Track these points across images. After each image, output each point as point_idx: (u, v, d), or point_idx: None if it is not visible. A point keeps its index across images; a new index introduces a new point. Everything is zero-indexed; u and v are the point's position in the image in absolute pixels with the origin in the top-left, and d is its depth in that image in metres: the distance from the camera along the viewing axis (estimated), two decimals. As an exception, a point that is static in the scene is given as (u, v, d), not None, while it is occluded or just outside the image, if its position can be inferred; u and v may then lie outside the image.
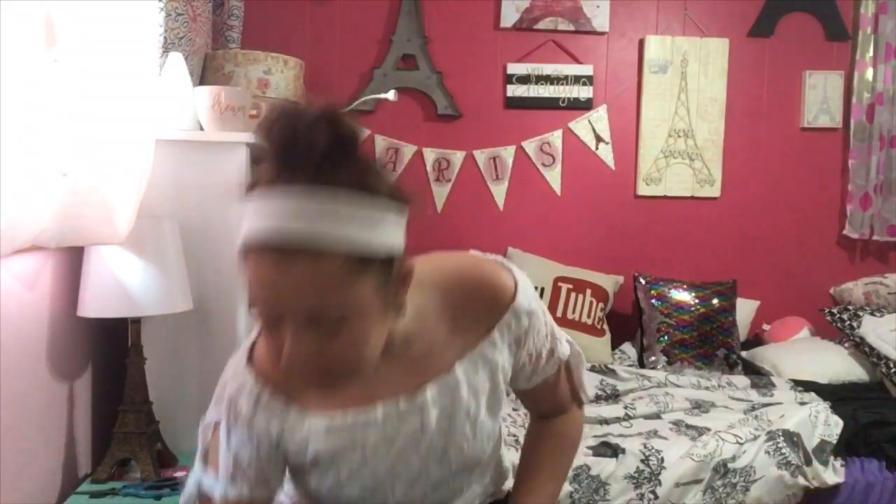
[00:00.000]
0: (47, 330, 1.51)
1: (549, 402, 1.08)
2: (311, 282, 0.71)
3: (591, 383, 2.51)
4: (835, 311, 2.95)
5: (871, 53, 3.22)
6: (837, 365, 2.76)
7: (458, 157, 3.10)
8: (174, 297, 1.58)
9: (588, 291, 2.96)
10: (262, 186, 0.74)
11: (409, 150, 3.07)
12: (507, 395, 1.01)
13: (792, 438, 2.19)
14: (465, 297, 0.91)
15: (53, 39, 1.25)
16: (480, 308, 0.91)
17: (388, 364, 0.84)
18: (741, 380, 2.62)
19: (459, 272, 0.94)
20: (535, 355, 0.98)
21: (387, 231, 0.74)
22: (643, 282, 3.00)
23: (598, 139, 3.20)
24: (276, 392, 0.87)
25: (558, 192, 3.18)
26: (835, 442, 2.24)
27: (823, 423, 2.26)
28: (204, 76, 2.43)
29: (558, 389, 1.07)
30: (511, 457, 1.11)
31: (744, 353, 2.94)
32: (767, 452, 2.16)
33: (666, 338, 2.86)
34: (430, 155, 3.08)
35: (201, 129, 1.82)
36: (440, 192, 3.10)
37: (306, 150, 0.69)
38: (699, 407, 2.43)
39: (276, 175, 0.72)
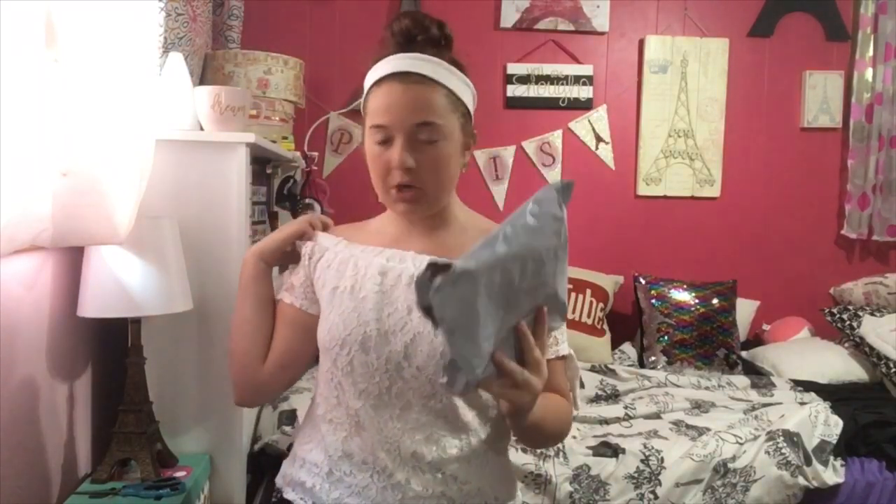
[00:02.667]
0: (47, 330, 1.51)
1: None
2: (424, 101, 1.03)
3: (591, 383, 2.51)
4: (835, 311, 2.95)
5: (870, 53, 3.22)
6: (837, 365, 2.76)
7: (458, 157, 3.10)
8: (174, 297, 1.57)
9: (588, 291, 2.96)
10: (388, 54, 1.06)
11: (409, 150, 3.06)
12: None
13: (792, 438, 2.19)
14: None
15: (53, 39, 1.24)
16: None
17: (422, 237, 1.10)
18: (741, 380, 2.62)
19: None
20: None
21: (466, 95, 1.09)
22: (643, 282, 3.00)
23: (598, 139, 3.20)
24: (338, 234, 1.16)
25: (558, 192, 3.17)
26: (835, 442, 2.24)
27: (823, 423, 2.26)
28: (204, 76, 2.43)
29: (555, 381, 1.07)
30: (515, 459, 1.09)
31: (744, 353, 2.94)
32: (767, 452, 2.16)
33: (666, 338, 2.86)
34: (430, 155, 3.08)
35: (201, 129, 1.82)
36: (440, 192, 3.10)
37: (425, 32, 1.06)
38: (699, 407, 2.43)
39: (402, 48, 1.06)
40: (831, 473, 2.20)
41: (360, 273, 1.08)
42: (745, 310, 3.12)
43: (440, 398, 1.02)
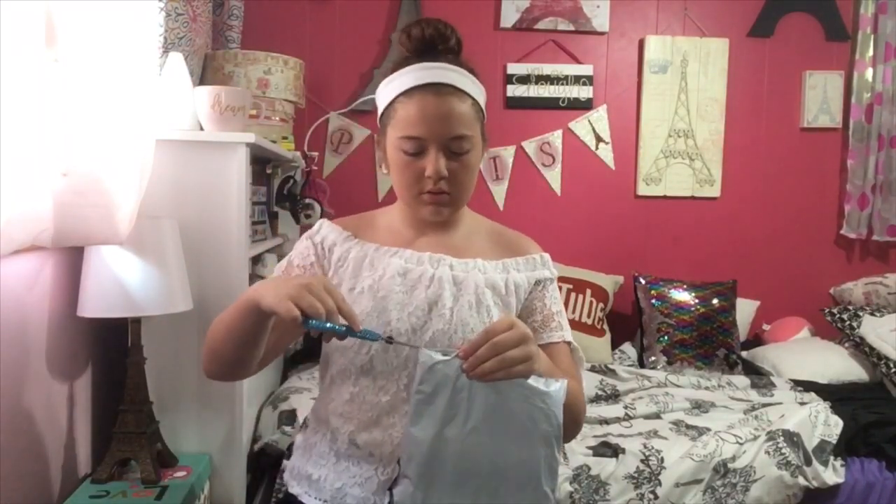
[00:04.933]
0: (47, 330, 1.51)
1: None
2: (459, 114, 1.06)
3: (591, 383, 2.51)
4: (835, 311, 2.95)
5: (870, 53, 3.22)
6: (837, 365, 2.76)
7: (458, 157, 3.10)
8: (174, 297, 1.58)
9: (588, 291, 2.96)
10: (410, 63, 1.07)
11: (409, 150, 3.06)
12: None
13: (792, 438, 2.19)
14: (507, 234, 1.22)
15: (53, 39, 1.24)
16: (517, 242, 1.20)
17: (434, 238, 1.14)
18: (741, 380, 2.62)
19: (506, 227, 1.25)
20: (547, 312, 1.14)
21: (482, 100, 1.13)
22: (643, 282, 3.00)
23: (598, 139, 3.20)
24: (345, 227, 1.16)
25: (558, 192, 3.18)
26: (835, 442, 2.23)
27: (823, 423, 2.26)
28: (204, 76, 2.43)
29: (563, 364, 1.10)
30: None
31: (744, 353, 2.94)
32: (767, 452, 2.16)
33: (666, 338, 2.86)
34: (430, 155, 3.08)
35: (201, 129, 1.82)
36: (440, 192, 3.10)
37: (445, 41, 1.09)
38: (699, 407, 2.43)
39: (422, 55, 1.08)
40: (831, 473, 2.20)
41: (377, 273, 1.09)
42: (745, 310, 3.12)
43: None
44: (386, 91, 1.10)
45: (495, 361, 0.87)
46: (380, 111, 1.13)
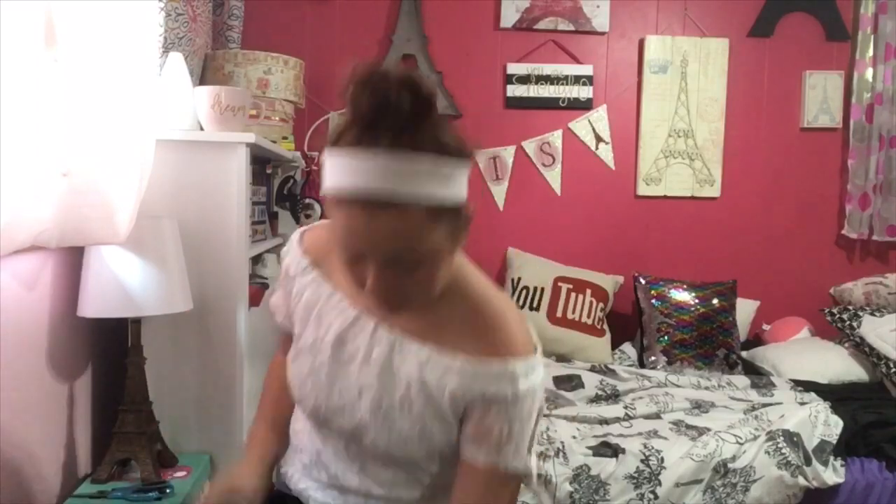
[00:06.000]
0: (47, 330, 1.51)
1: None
2: (396, 231, 0.81)
3: (591, 383, 2.51)
4: (835, 311, 2.95)
5: (870, 53, 3.22)
6: (837, 365, 2.76)
7: (458, 157, 3.10)
8: (174, 297, 1.57)
9: (588, 291, 2.96)
10: (346, 144, 0.81)
11: (409, 150, 3.06)
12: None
13: (792, 438, 2.19)
14: (483, 322, 0.94)
15: (53, 39, 1.25)
16: (489, 337, 0.93)
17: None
18: (741, 380, 2.62)
19: (496, 300, 0.97)
20: (486, 429, 0.92)
21: (457, 183, 0.84)
22: (643, 282, 3.00)
23: (598, 139, 3.20)
24: (309, 251, 1.06)
25: (558, 192, 3.18)
26: (835, 442, 2.24)
27: (823, 423, 2.26)
28: (204, 76, 2.43)
29: (463, 497, 0.94)
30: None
31: (744, 353, 2.94)
32: (767, 452, 2.16)
33: (666, 338, 2.86)
34: (430, 155, 3.08)
35: (201, 129, 1.82)
36: (440, 192, 3.10)
37: (393, 115, 0.78)
38: (699, 407, 2.43)
39: (361, 135, 0.80)
40: (831, 473, 2.20)
41: (321, 331, 1.01)
42: (745, 310, 3.12)
43: (400, 458, 0.98)
44: (324, 167, 0.85)
45: None
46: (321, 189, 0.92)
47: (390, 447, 0.97)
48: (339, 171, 0.82)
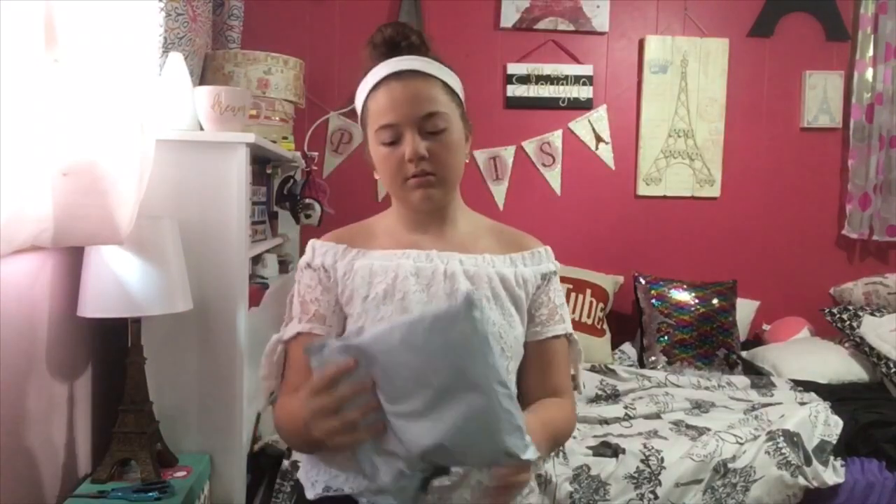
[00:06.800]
0: (47, 330, 1.51)
1: (549, 381, 1.17)
2: (426, 93, 1.09)
3: (591, 383, 2.51)
4: (835, 311, 2.95)
5: (870, 53, 3.22)
6: (837, 365, 2.76)
7: (458, 157, 3.10)
8: (174, 297, 1.57)
9: (588, 291, 2.96)
10: (375, 64, 1.12)
11: (409, 150, 3.06)
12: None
13: (792, 438, 2.19)
14: (507, 231, 1.23)
15: (53, 39, 1.24)
16: (518, 238, 1.22)
17: (437, 237, 1.15)
18: (741, 380, 2.62)
19: (503, 224, 1.26)
20: (552, 306, 1.18)
21: (458, 86, 1.16)
22: (643, 282, 3.00)
23: (598, 139, 3.20)
24: (339, 240, 1.15)
25: (558, 192, 3.18)
26: (835, 442, 2.23)
27: (823, 423, 2.26)
28: (204, 76, 2.43)
29: (559, 368, 1.17)
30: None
31: (744, 353, 2.94)
32: (767, 452, 2.16)
33: (666, 338, 2.86)
34: (430, 155, 3.08)
35: (201, 129, 1.82)
36: (440, 192, 3.10)
37: (407, 38, 1.13)
38: (699, 407, 2.43)
39: (386, 56, 1.12)
40: (831, 473, 2.20)
41: (389, 277, 1.09)
42: (745, 310, 3.12)
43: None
44: (359, 95, 1.14)
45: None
46: (359, 116, 1.17)
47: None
48: (374, 76, 1.10)
